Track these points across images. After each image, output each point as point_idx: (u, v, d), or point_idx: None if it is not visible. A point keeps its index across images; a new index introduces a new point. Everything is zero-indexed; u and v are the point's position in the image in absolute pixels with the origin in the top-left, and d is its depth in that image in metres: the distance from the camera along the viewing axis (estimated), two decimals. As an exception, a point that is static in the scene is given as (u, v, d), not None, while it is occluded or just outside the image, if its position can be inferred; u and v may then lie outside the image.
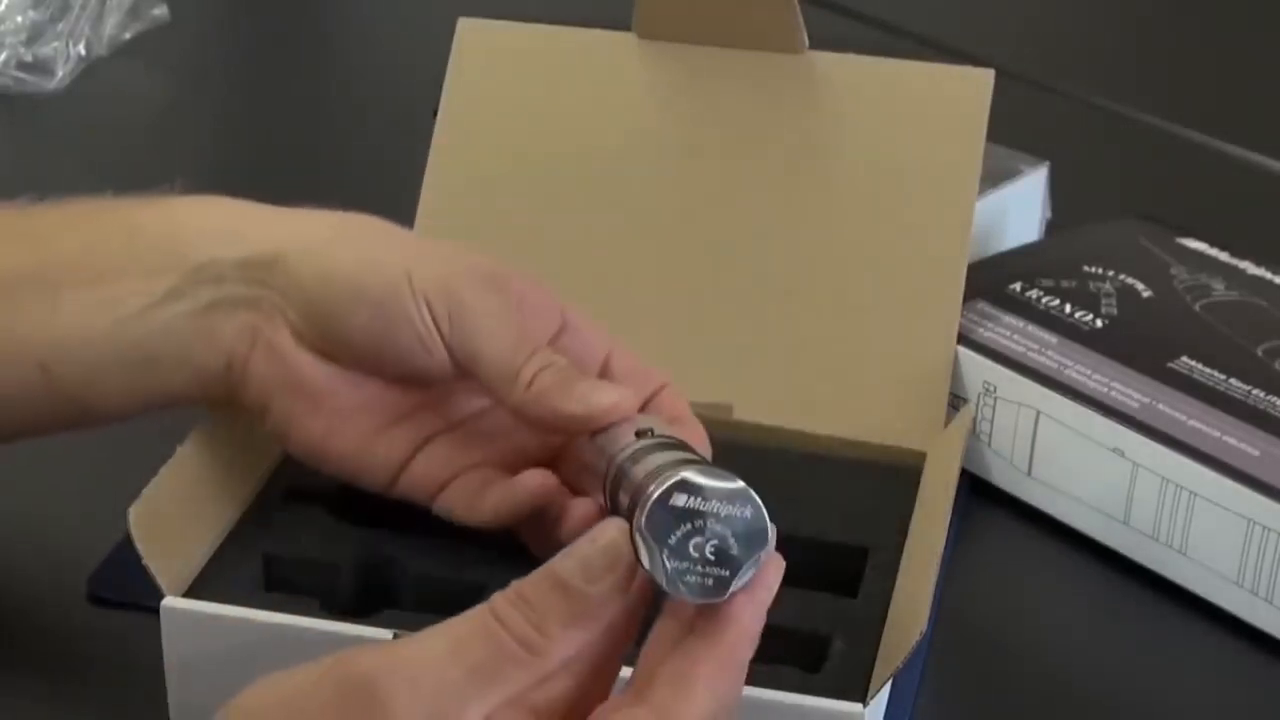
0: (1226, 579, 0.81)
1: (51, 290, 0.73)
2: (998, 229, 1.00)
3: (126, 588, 0.77)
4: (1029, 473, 0.87)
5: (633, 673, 0.57)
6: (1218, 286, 0.94)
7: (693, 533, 0.55)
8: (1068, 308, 0.91)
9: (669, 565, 0.55)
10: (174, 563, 0.74)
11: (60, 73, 1.27)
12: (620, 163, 0.92)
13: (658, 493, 0.55)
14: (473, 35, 0.95)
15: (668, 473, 0.55)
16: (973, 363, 0.88)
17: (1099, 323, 0.90)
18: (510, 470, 0.73)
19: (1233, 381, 0.85)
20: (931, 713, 0.77)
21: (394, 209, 0.80)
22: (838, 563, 0.78)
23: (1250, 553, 0.80)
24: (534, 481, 0.71)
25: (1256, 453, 0.81)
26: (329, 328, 0.72)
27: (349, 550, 0.76)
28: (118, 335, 0.72)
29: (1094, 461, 0.84)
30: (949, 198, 0.89)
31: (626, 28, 0.93)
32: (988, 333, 0.89)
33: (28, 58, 1.27)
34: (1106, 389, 0.85)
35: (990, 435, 0.88)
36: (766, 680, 0.69)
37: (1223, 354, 0.87)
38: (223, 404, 0.74)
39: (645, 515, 0.55)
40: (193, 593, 0.74)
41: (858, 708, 0.67)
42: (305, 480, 0.81)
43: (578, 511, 0.70)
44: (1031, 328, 0.89)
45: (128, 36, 1.31)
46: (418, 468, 0.74)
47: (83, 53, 1.28)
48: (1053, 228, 1.07)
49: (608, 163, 0.92)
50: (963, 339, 0.88)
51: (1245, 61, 1.40)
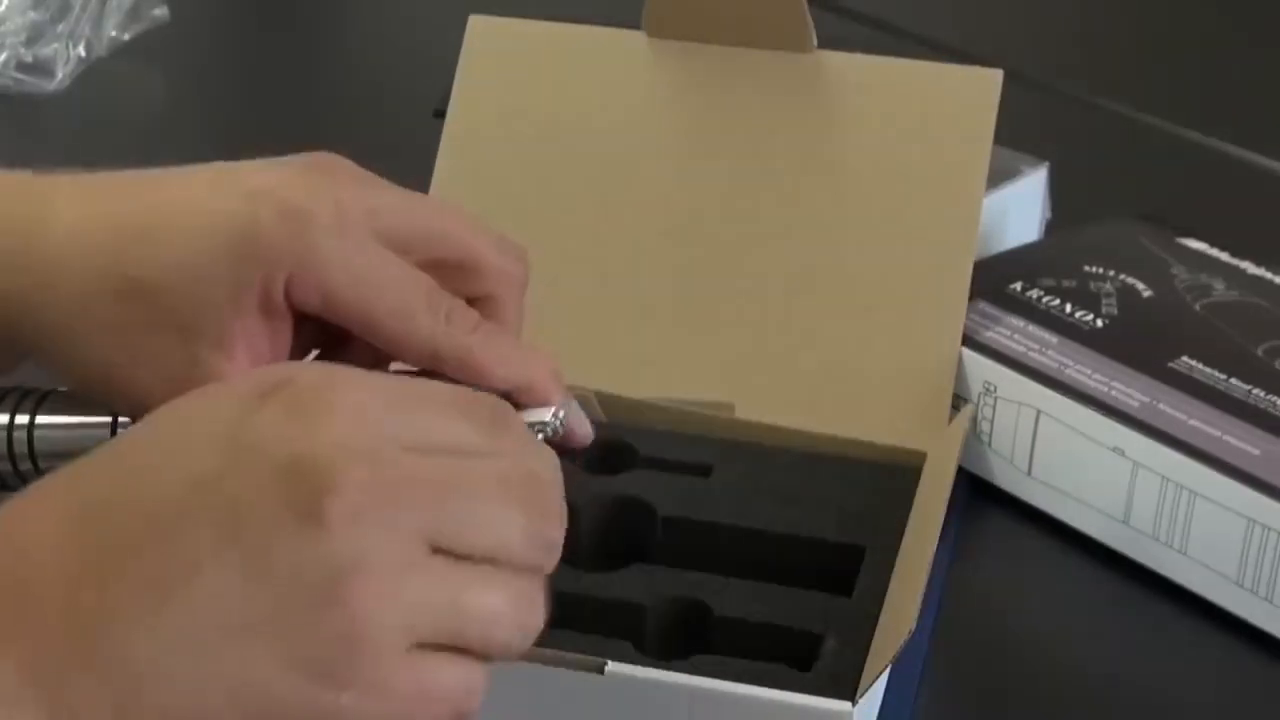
0: (1226, 579, 0.81)
1: None
2: (998, 229, 1.00)
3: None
4: (1029, 473, 0.87)
5: None
6: (1218, 286, 0.94)
7: None
8: (1068, 307, 0.91)
9: None
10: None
11: (60, 73, 1.27)
12: (628, 160, 0.92)
13: None
14: (483, 32, 0.95)
15: None
16: (973, 362, 0.88)
17: (1099, 322, 0.90)
18: None
19: (1233, 381, 0.85)
20: (932, 712, 0.76)
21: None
22: (834, 562, 0.78)
23: (1250, 552, 0.80)
24: None
25: (1257, 452, 0.81)
26: None
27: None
28: None
29: (1094, 461, 0.84)
30: (956, 197, 0.89)
31: (636, 26, 0.94)
32: (988, 332, 0.89)
33: (28, 58, 1.27)
34: (1107, 389, 0.85)
35: (990, 435, 0.88)
36: (757, 677, 0.69)
37: (1223, 354, 0.87)
38: None
39: None
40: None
41: (846, 706, 0.67)
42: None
43: None
44: (1032, 327, 0.89)
45: (128, 37, 1.31)
46: None
47: (83, 53, 1.28)
48: (1053, 228, 1.07)
49: (616, 160, 0.92)
50: (963, 339, 0.88)
51: (1245, 61, 1.40)
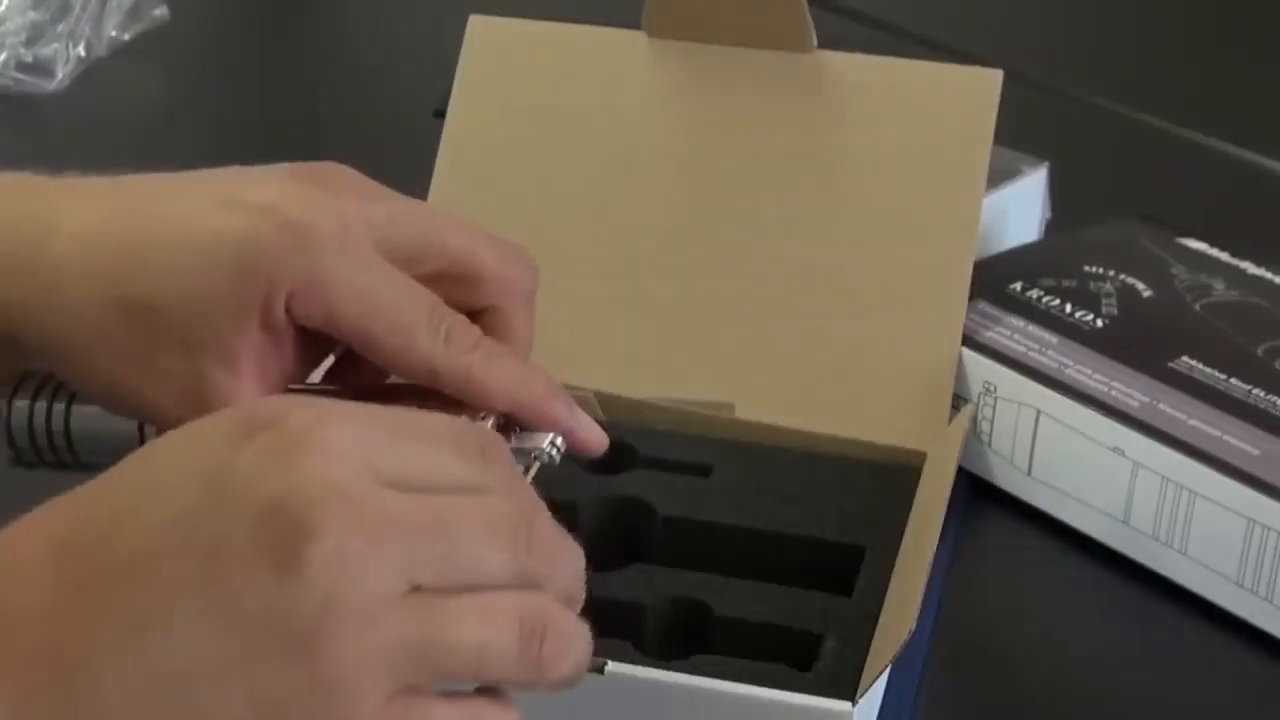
0: (1226, 579, 0.81)
1: None
2: (998, 229, 1.00)
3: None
4: (1029, 473, 0.87)
5: None
6: (1218, 286, 0.94)
7: None
8: (1068, 307, 0.91)
9: None
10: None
11: (60, 73, 1.27)
12: (628, 160, 0.92)
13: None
14: (483, 32, 0.95)
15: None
16: (973, 362, 0.88)
17: (1099, 322, 0.90)
18: None
19: (1233, 381, 0.85)
20: (932, 712, 0.76)
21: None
22: (834, 562, 0.78)
23: (1250, 552, 0.80)
24: None
25: (1257, 452, 0.81)
26: None
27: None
28: None
29: (1094, 461, 0.84)
30: (956, 197, 0.89)
31: (636, 26, 0.94)
32: (988, 332, 0.89)
33: (28, 58, 1.27)
34: (1107, 389, 0.85)
35: (990, 435, 0.88)
36: (757, 677, 0.69)
37: (1223, 354, 0.87)
38: None
39: None
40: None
41: (846, 706, 0.67)
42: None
43: None
44: (1032, 327, 0.89)
45: (128, 37, 1.31)
46: None
47: (83, 53, 1.28)
48: (1053, 228, 1.07)
49: (616, 160, 0.92)
50: (963, 339, 0.88)
51: (1246, 61, 1.40)
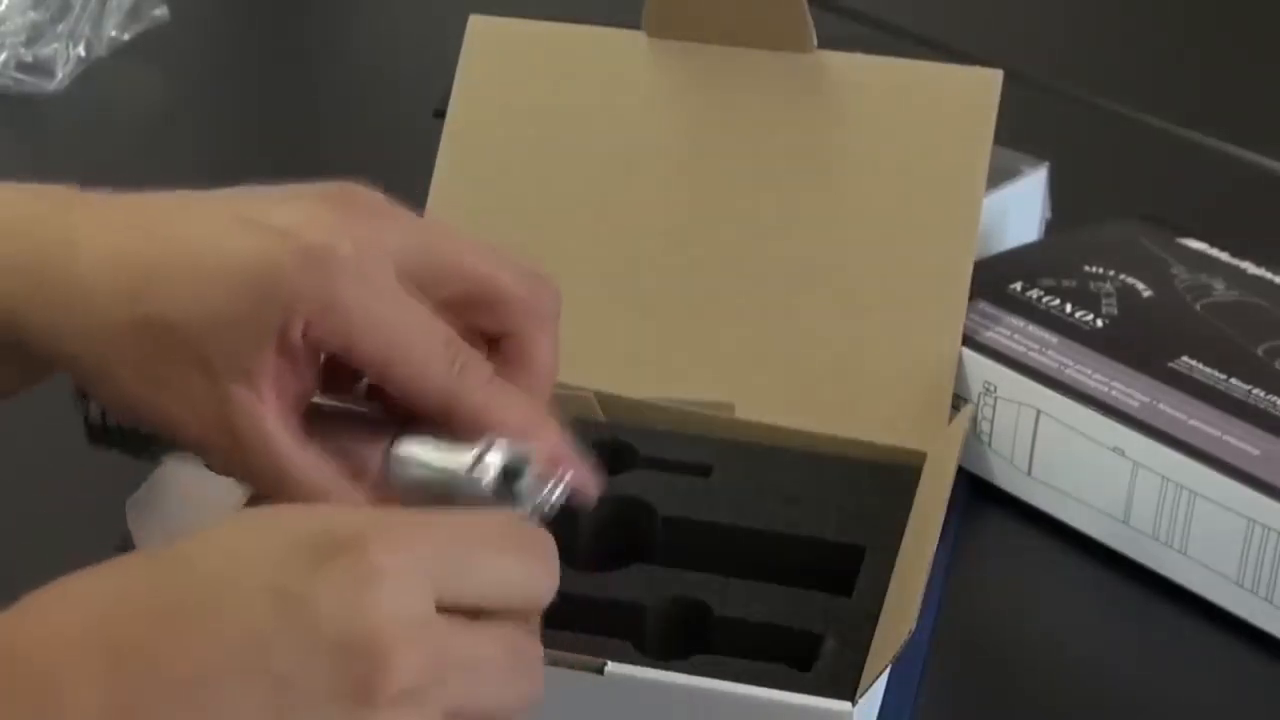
0: (1227, 579, 0.81)
1: None
2: (998, 229, 1.00)
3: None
4: (1029, 473, 0.87)
5: None
6: (1218, 286, 0.94)
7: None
8: (1068, 308, 0.91)
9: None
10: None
11: (60, 73, 1.27)
12: (628, 160, 0.92)
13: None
14: (483, 32, 0.95)
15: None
16: (973, 362, 0.88)
17: (1099, 322, 0.90)
18: None
19: (1233, 381, 0.85)
20: (932, 712, 0.77)
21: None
22: (834, 562, 0.78)
23: (1250, 552, 0.80)
24: None
25: (1257, 452, 0.81)
26: None
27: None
28: None
29: (1094, 461, 0.84)
30: (956, 197, 0.89)
31: (636, 26, 0.94)
32: (988, 332, 0.89)
33: (28, 58, 1.27)
34: (1107, 389, 0.85)
35: (990, 435, 0.88)
36: (757, 677, 0.69)
37: (1223, 354, 0.87)
38: None
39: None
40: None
41: (846, 706, 0.68)
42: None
43: None
44: (1032, 327, 0.89)
45: (128, 37, 1.31)
46: None
47: (82, 53, 1.28)
48: (1053, 228, 1.07)
49: (616, 160, 0.92)
50: (963, 339, 0.88)
51: (1245, 61, 1.40)
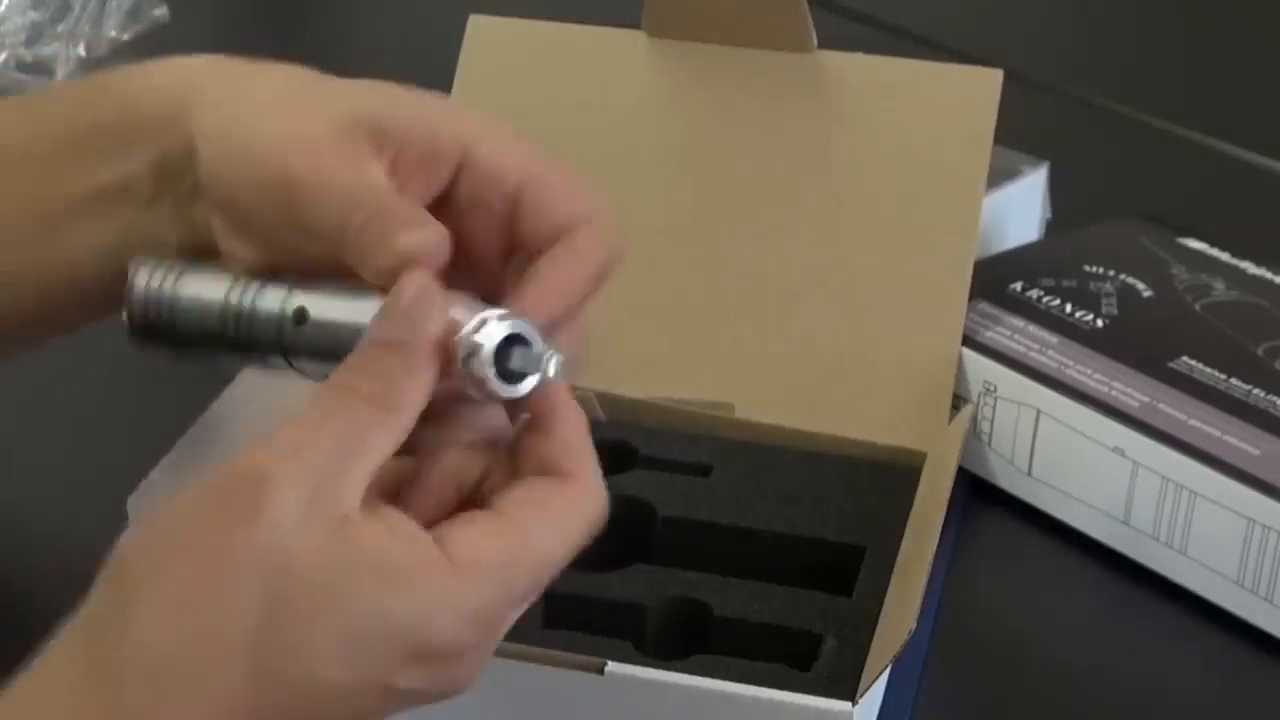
0: (1227, 579, 0.81)
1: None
2: (998, 229, 1.00)
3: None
4: (1029, 473, 0.87)
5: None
6: (1218, 286, 0.94)
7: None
8: (1068, 307, 0.91)
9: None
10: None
11: (60, 73, 1.27)
12: (628, 159, 0.92)
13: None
14: (483, 31, 0.95)
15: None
16: (973, 362, 0.88)
17: (1099, 322, 0.90)
18: None
19: (1233, 381, 0.85)
20: (932, 712, 0.77)
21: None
22: (834, 562, 0.78)
23: (1250, 552, 0.80)
24: None
25: (1257, 452, 0.81)
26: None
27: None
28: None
29: (1094, 461, 0.84)
30: (956, 197, 0.89)
31: (636, 26, 0.94)
32: (988, 332, 0.89)
33: (28, 58, 1.27)
34: (1107, 389, 0.85)
35: (990, 435, 0.88)
36: (757, 677, 0.69)
37: (1223, 354, 0.87)
38: None
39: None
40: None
41: (846, 706, 0.68)
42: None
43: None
44: (1032, 327, 0.89)
45: (128, 37, 1.30)
46: None
47: (82, 53, 1.28)
48: (1053, 228, 1.07)
49: (615, 159, 0.92)
50: (963, 339, 0.88)
51: (1246, 62, 1.40)
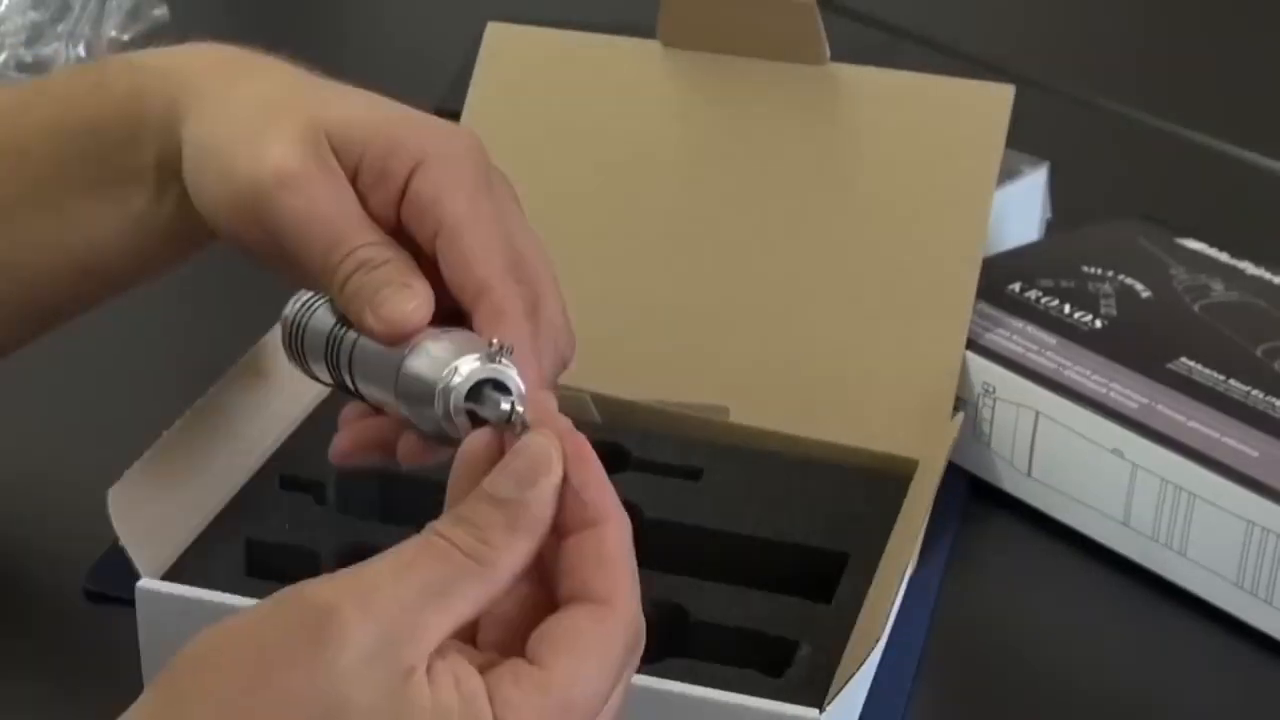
0: (1226, 580, 0.81)
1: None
2: (998, 229, 1.00)
3: (125, 583, 0.76)
4: (1029, 473, 0.87)
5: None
6: (1217, 287, 0.94)
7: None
8: (1067, 308, 0.91)
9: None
10: (154, 545, 0.74)
11: (60, 74, 1.27)
12: (639, 167, 0.93)
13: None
14: (500, 39, 0.95)
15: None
16: (973, 363, 0.88)
17: (1098, 323, 0.90)
18: None
19: (1232, 382, 0.85)
20: (931, 712, 0.76)
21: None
22: (818, 568, 0.78)
23: (1250, 554, 0.80)
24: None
25: (1256, 454, 0.81)
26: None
27: (332, 539, 0.77)
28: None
29: (1094, 462, 0.84)
30: (964, 212, 0.89)
31: (651, 32, 0.94)
32: (988, 334, 0.89)
33: (28, 58, 1.27)
34: (1106, 390, 0.85)
35: (990, 436, 0.88)
36: (728, 682, 0.69)
37: (1222, 354, 0.87)
38: None
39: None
40: (173, 576, 0.74)
41: (813, 713, 0.67)
42: (299, 470, 0.81)
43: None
44: (1031, 328, 0.89)
45: (127, 37, 1.31)
46: None
47: (82, 54, 1.28)
48: (1053, 228, 1.07)
49: (627, 167, 0.93)
50: (962, 340, 0.88)
51: (1245, 61, 1.40)
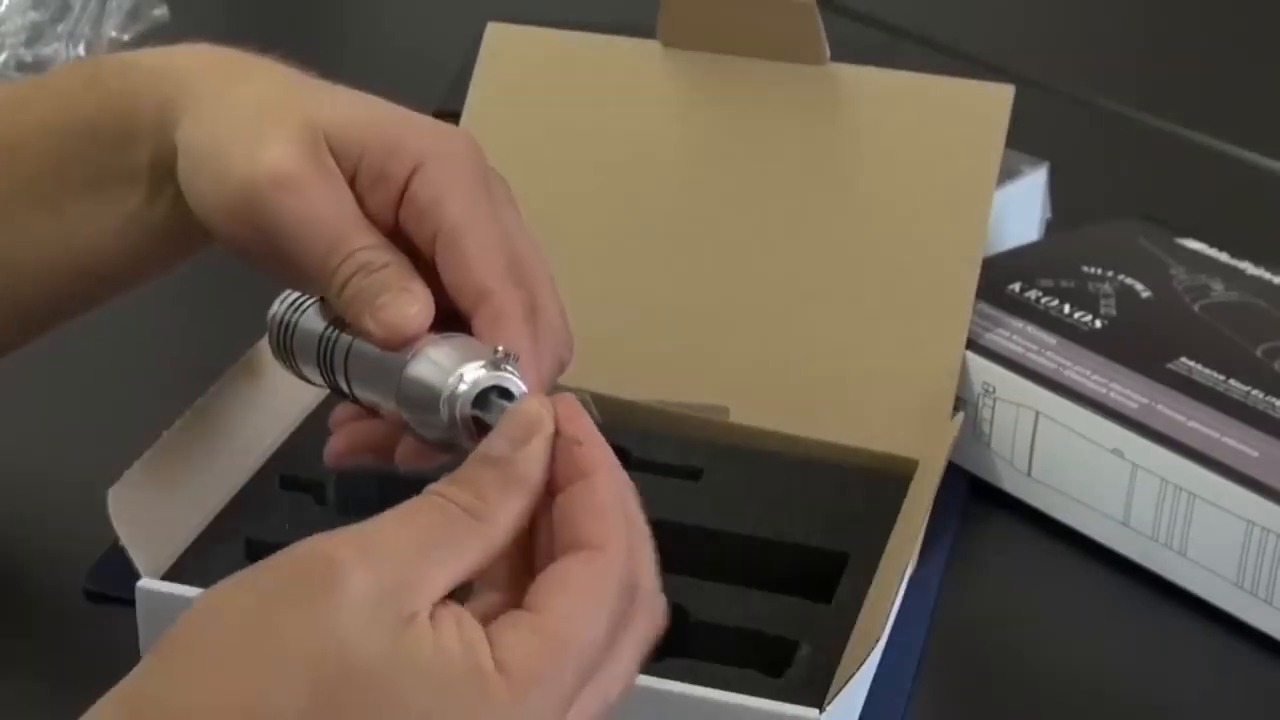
0: (1226, 580, 0.81)
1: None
2: (998, 229, 1.00)
3: (125, 583, 0.77)
4: (1029, 473, 0.87)
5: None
6: (1217, 287, 0.94)
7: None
8: (1067, 308, 0.91)
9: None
10: (154, 545, 0.74)
11: (60, 74, 1.27)
12: (639, 167, 0.93)
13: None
14: (500, 39, 0.95)
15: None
16: (973, 363, 0.88)
17: (1098, 323, 0.90)
18: None
19: (1232, 382, 0.85)
20: (931, 712, 0.76)
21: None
22: (818, 568, 0.78)
23: (1250, 554, 0.80)
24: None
25: (1256, 454, 0.81)
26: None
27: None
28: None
29: (1094, 462, 0.84)
30: (964, 212, 0.89)
31: (652, 35, 0.94)
32: (988, 334, 0.89)
33: (28, 58, 1.27)
34: (1106, 390, 0.85)
35: (990, 436, 0.88)
36: (727, 682, 0.69)
37: (1222, 354, 0.87)
38: None
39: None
40: (172, 576, 0.74)
41: (813, 713, 0.67)
42: (299, 469, 0.81)
43: None
44: (1031, 328, 0.89)
45: (127, 37, 1.31)
46: None
47: (82, 54, 1.28)
48: (1053, 228, 1.07)
49: (627, 167, 0.93)
50: (961, 340, 0.88)
51: (1246, 61, 1.40)
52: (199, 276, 0.82)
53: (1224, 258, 0.97)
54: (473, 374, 0.62)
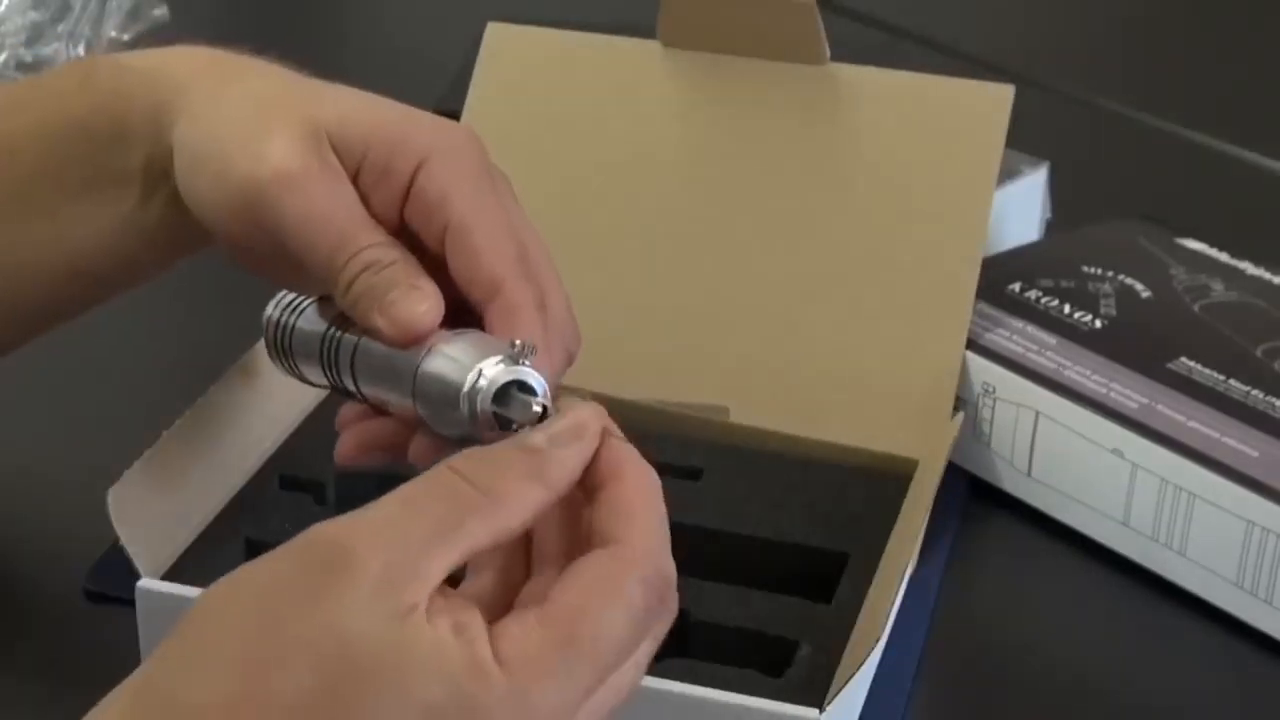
0: (1226, 580, 0.81)
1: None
2: (998, 229, 1.00)
3: (125, 583, 0.77)
4: (1029, 473, 0.87)
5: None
6: (1217, 287, 0.94)
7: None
8: (1067, 308, 0.91)
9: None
10: (154, 545, 0.74)
11: (60, 74, 1.27)
12: (640, 167, 0.93)
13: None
14: (500, 39, 0.95)
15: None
16: (973, 363, 0.88)
17: (1098, 323, 0.90)
18: None
19: (1232, 382, 0.85)
20: (931, 712, 0.76)
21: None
22: (819, 568, 0.78)
23: (1250, 554, 0.80)
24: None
25: (1256, 454, 0.81)
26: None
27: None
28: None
29: (1094, 462, 0.84)
30: (964, 212, 0.89)
31: (652, 35, 0.94)
32: (988, 334, 0.89)
33: (28, 58, 1.27)
34: (1106, 390, 0.85)
35: (990, 436, 0.88)
36: (728, 683, 0.69)
37: (1222, 355, 0.87)
38: None
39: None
40: (173, 576, 0.74)
41: (813, 713, 0.67)
42: (299, 469, 0.81)
43: None
44: (1031, 328, 0.89)
45: (127, 37, 1.31)
46: None
47: (82, 54, 1.28)
48: (1053, 228, 1.07)
49: (627, 166, 0.93)
50: (961, 340, 0.88)
51: (1245, 61, 1.40)
52: (197, 277, 0.82)
53: (1224, 258, 0.97)
54: (492, 369, 0.61)
